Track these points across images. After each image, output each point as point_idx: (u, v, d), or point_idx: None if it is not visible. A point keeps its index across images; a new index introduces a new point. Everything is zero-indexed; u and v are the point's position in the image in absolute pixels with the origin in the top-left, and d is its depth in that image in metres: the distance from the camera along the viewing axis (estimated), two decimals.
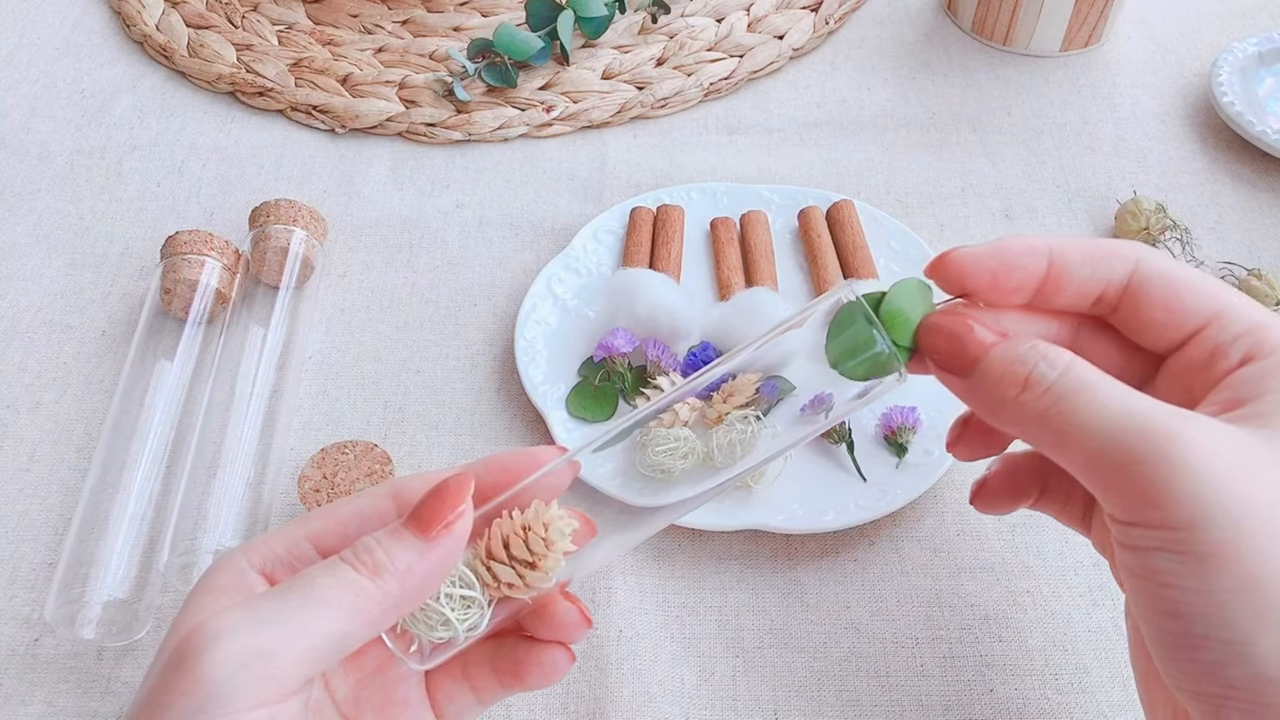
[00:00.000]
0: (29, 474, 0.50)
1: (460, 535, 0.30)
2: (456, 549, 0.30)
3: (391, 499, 0.33)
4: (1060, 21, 0.69)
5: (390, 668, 0.34)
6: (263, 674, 0.27)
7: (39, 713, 0.43)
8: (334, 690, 0.33)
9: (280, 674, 0.27)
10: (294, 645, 0.27)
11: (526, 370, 0.52)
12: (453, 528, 0.30)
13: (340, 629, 0.28)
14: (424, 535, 0.30)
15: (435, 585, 0.30)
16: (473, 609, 0.31)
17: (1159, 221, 0.58)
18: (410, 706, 0.34)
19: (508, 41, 0.67)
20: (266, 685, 0.27)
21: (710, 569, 0.47)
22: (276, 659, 0.27)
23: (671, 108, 0.68)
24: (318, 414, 0.52)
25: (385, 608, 0.29)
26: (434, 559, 0.30)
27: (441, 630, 0.31)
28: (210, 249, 0.54)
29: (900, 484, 0.47)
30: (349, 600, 0.28)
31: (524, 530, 0.31)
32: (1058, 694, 0.43)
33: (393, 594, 0.29)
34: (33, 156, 0.66)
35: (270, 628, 0.27)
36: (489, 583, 0.32)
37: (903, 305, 0.33)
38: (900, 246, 0.57)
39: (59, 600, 0.43)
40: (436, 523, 0.30)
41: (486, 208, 0.62)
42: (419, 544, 0.29)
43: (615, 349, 0.51)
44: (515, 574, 0.31)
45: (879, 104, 0.68)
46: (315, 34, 0.73)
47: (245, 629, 0.27)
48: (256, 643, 0.27)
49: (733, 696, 0.43)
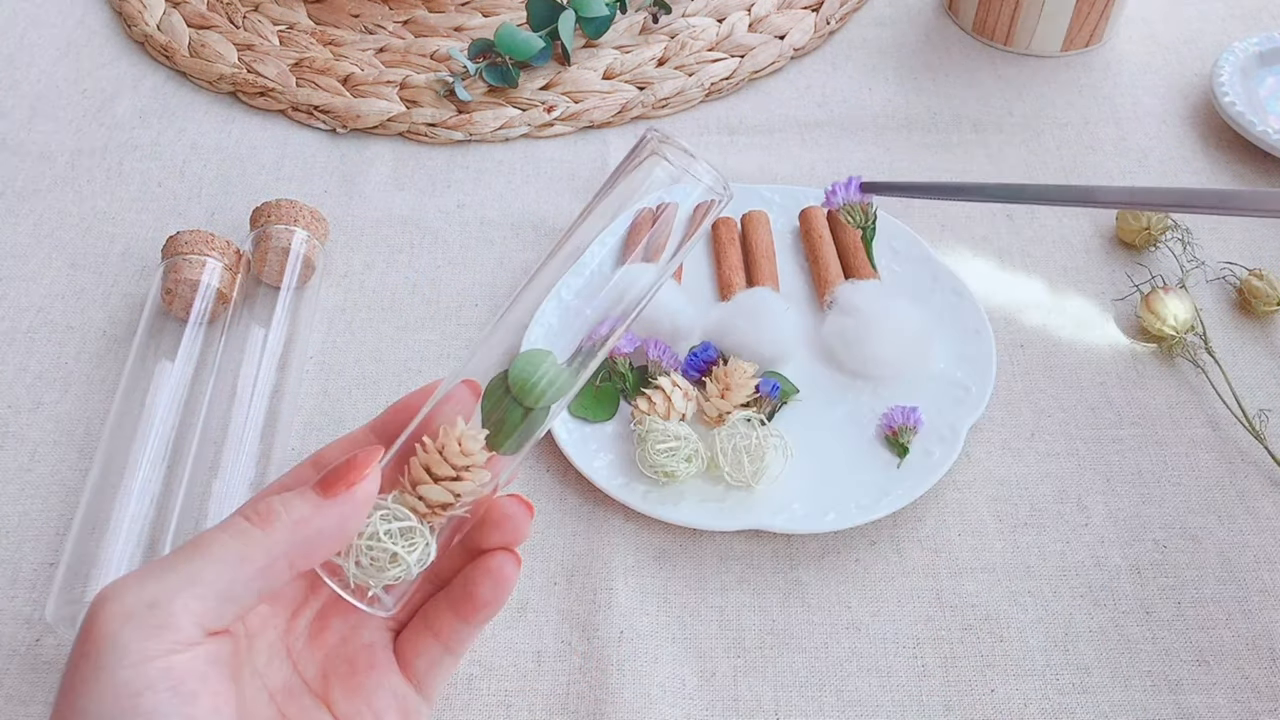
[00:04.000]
0: (30, 474, 0.50)
1: (362, 496, 0.31)
2: (358, 508, 0.31)
3: (312, 468, 0.34)
4: (1061, 21, 0.69)
5: (353, 638, 0.34)
6: (152, 624, 0.27)
7: (40, 713, 0.43)
8: (303, 671, 0.33)
9: (170, 623, 0.28)
10: (180, 594, 0.28)
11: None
12: (354, 487, 0.31)
13: (227, 576, 0.29)
14: (325, 495, 0.31)
15: (333, 542, 0.31)
16: (416, 539, 0.33)
17: (1160, 221, 0.58)
18: (377, 669, 0.34)
19: (509, 41, 0.67)
20: (161, 635, 0.27)
21: (711, 569, 0.47)
22: (163, 609, 0.28)
23: (673, 108, 0.68)
24: (319, 414, 0.52)
25: (273, 555, 0.29)
26: (331, 513, 0.30)
27: (392, 569, 0.32)
28: (211, 249, 0.54)
29: (901, 484, 0.47)
30: (235, 548, 0.29)
31: (440, 450, 0.33)
32: (1058, 694, 0.43)
33: (282, 542, 0.29)
34: (34, 156, 0.66)
35: (156, 581, 0.28)
36: (423, 510, 0.33)
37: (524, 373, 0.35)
38: (901, 246, 0.57)
39: (60, 600, 0.43)
40: (340, 483, 0.31)
41: (487, 208, 0.62)
42: (317, 499, 0.30)
43: (616, 349, 0.51)
44: (445, 492, 0.33)
45: (880, 104, 0.68)
46: (316, 34, 0.73)
47: (133, 586, 0.28)
48: (144, 595, 0.28)
49: (734, 697, 0.43)
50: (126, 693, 0.27)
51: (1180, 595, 0.46)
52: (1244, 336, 0.55)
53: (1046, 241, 0.60)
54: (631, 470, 0.49)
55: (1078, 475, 0.50)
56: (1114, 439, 0.51)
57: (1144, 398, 0.53)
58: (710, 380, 0.50)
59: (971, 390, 0.51)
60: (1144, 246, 0.59)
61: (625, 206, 0.36)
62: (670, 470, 0.47)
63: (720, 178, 0.36)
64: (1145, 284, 0.56)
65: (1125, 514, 0.48)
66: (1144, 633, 0.45)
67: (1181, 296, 0.54)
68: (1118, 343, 0.55)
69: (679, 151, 0.35)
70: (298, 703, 0.32)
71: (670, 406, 0.49)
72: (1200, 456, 0.50)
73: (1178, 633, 0.45)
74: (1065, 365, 0.54)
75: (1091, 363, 0.54)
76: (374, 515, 0.32)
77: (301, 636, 0.34)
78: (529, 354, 0.36)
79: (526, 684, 0.43)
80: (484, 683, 0.43)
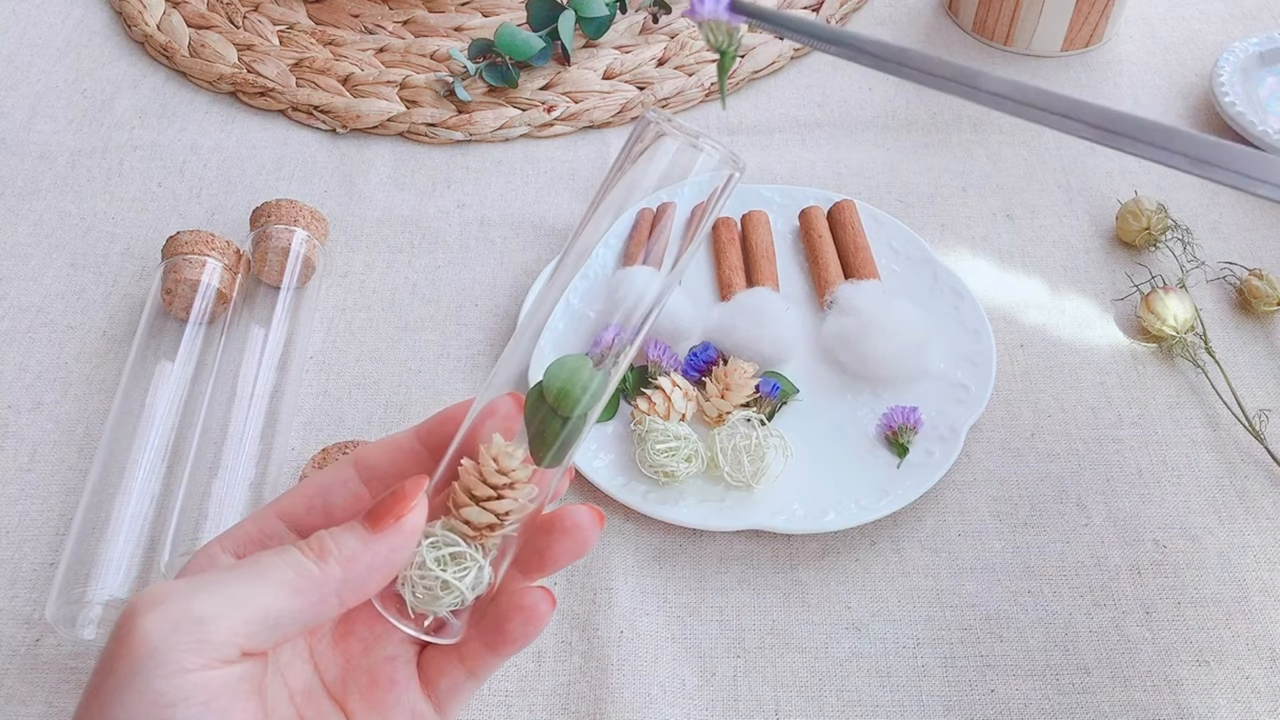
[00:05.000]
0: (30, 474, 0.50)
1: (410, 528, 0.31)
2: (406, 540, 0.31)
3: (353, 467, 0.34)
4: (1061, 21, 0.69)
5: (376, 648, 0.34)
6: (195, 638, 0.27)
7: (40, 713, 0.43)
8: (323, 671, 0.33)
9: (213, 639, 0.27)
10: (227, 614, 0.28)
11: (528, 371, 0.52)
12: (401, 520, 0.31)
13: (278, 605, 0.29)
14: (373, 529, 0.31)
15: (382, 576, 0.31)
16: (467, 564, 0.32)
17: (1160, 222, 0.58)
18: (397, 686, 0.34)
19: (509, 41, 0.67)
20: (200, 650, 0.27)
21: (711, 570, 0.47)
22: (208, 625, 0.28)
23: (673, 107, 0.68)
24: (319, 414, 0.52)
25: (325, 591, 0.29)
26: (380, 548, 0.30)
27: (446, 596, 0.32)
28: (211, 249, 0.54)
29: (901, 484, 0.47)
30: (289, 579, 0.29)
31: (479, 472, 0.32)
32: (1058, 694, 0.43)
33: (334, 577, 0.30)
34: (34, 157, 0.66)
35: (206, 596, 0.28)
36: (470, 534, 0.32)
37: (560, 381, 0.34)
38: (901, 246, 0.57)
39: (60, 600, 0.43)
40: (387, 516, 0.31)
41: (488, 208, 0.62)
42: (366, 534, 0.31)
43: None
44: (487, 513, 0.32)
45: (880, 104, 0.68)
46: (316, 34, 0.73)
47: (182, 596, 0.28)
48: (191, 609, 0.28)
49: (734, 697, 0.43)
50: (160, 703, 0.27)
51: (1180, 595, 0.46)
52: (1244, 336, 0.55)
53: (1046, 241, 0.60)
54: (631, 470, 0.49)
55: (1078, 475, 0.50)
56: (1114, 439, 0.51)
57: (1144, 398, 0.53)
58: (710, 380, 0.50)
59: (971, 390, 0.51)
60: (1144, 246, 0.59)
61: (636, 191, 0.35)
62: (670, 470, 0.47)
63: (731, 152, 0.35)
64: (1145, 284, 0.56)
65: (1125, 514, 0.48)
66: (1144, 633, 0.45)
67: (1181, 296, 0.54)
68: (1118, 343, 0.55)
69: (686, 128, 0.35)
70: (316, 706, 0.32)
71: (670, 406, 0.49)
72: (1200, 456, 0.50)
73: (1178, 633, 0.45)
74: (1065, 365, 0.54)
75: (1091, 363, 0.54)
76: (423, 543, 0.32)
77: (325, 638, 0.34)
78: (561, 362, 0.35)
79: (526, 684, 0.43)
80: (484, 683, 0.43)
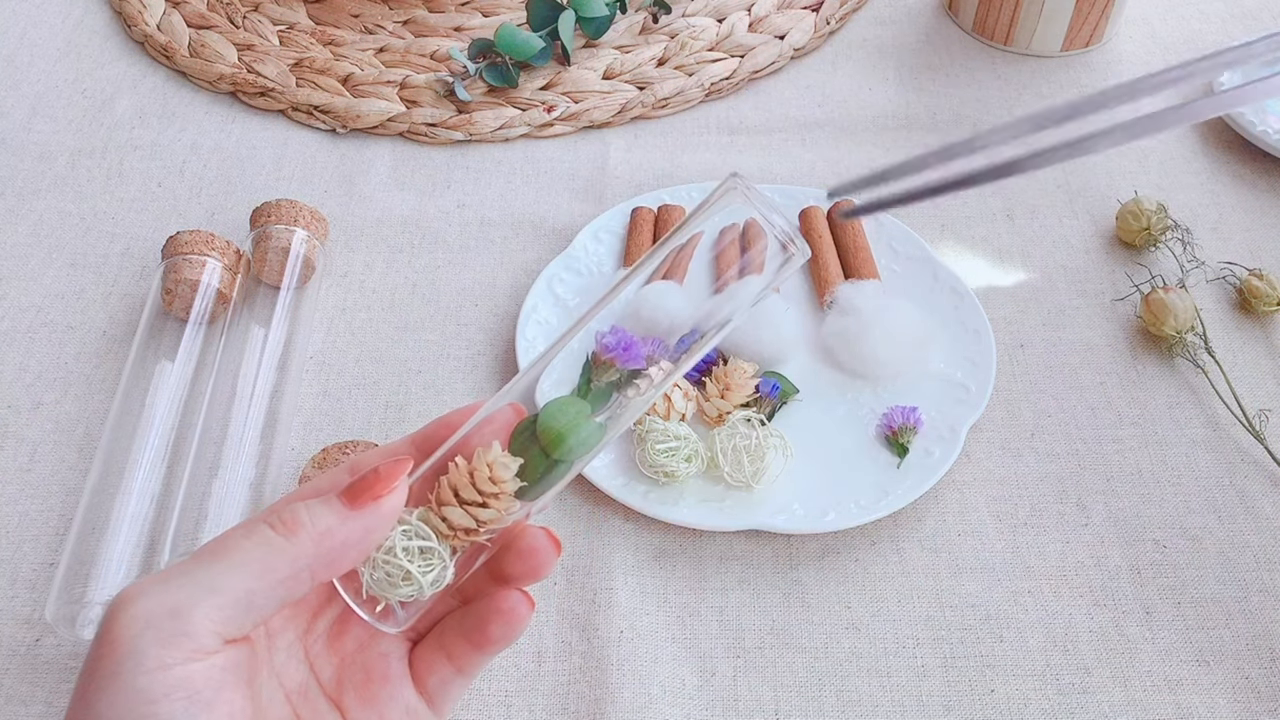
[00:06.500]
0: (30, 474, 0.50)
1: (388, 509, 0.31)
2: (382, 521, 0.31)
3: (349, 474, 0.34)
4: (1061, 21, 0.69)
5: (371, 645, 0.34)
6: (172, 631, 0.27)
7: (40, 713, 0.43)
8: (319, 672, 0.33)
9: (190, 631, 0.27)
10: (201, 603, 0.28)
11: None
12: (380, 500, 0.31)
13: (248, 586, 0.29)
14: (350, 505, 0.30)
15: (356, 554, 0.31)
16: (434, 560, 0.32)
17: (1160, 222, 0.58)
18: (391, 682, 0.34)
19: (509, 41, 0.67)
20: (180, 643, 0.27)
21: (711, 570, 0.47)
22: (184, 616, 0.27)
23: (673, 108, 0.68)
24: (319, 414, 0.52)
25: (297, 566, 0.29)
26: (355, 526, 0.30)
27: (405, 586, 0.32)
28: (211, 249, 0.54)
29: (901, 484, 0.47)
30: (259, 557, 0.29)
31: (470, 474, 0.32)
32: (1058, 694, 0.43)
33: (306, 553, 0.29)
34: (34, 157, 0.66)
35: (177, 588, 0.28)
36: (445, 532, 0.32)
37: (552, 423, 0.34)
38: (901, 247, 0.57)
39: (60, 600, 0.43)
40: (366, 495, 0.30)
41: (487, 208, 0.62)
42: (343, 510, 0.30)
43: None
44: (468, 516, 0.32)
45: (880, 104, 0.68)
46: (316, 34, 0.73)
47: (154, 591, 0.28)
48: (165, 602, 0.28)
49: (734, 697, 0.43)
50: (143, 699, 0.27)
51: (1180, 595, 0.46)
52: (1244, 336, 0.55)
53: (1046, 241, 0.60)
54: (631, 470, 0.49)
55: (1078, 475, 0.50)
56: (1114, 439, 0.51)
57: (1144, 398, 0.53)
58: (710, 380, 0.50)
59: (971, 390, 0.51)
60: (1144, 246, 0.59)
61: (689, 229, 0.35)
62: (670, 470, 0.47)
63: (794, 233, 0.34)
64: (1145, 284, 0.56)
65: (1125, 514, 0.48)
66: (1144, 633, 0.45)
67: (1181, 296, 0.54)
68: (1117, 343, 0.55)
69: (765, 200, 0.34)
70: (312, 705, 0.33)
71: (670, 406, 0.49)
72: (1200, 456, 0.50)
73: (1178, 633, 0.45)
74: (1065, 365, 0.54)
75: (1091, 363, 0.54)
76: (396, 530, 0.32)
77: (320, 639, 0.34)
78: (561, 402, 0.35)
79: (526, 684, 0.43)
80: (484, 683, 0.43)
